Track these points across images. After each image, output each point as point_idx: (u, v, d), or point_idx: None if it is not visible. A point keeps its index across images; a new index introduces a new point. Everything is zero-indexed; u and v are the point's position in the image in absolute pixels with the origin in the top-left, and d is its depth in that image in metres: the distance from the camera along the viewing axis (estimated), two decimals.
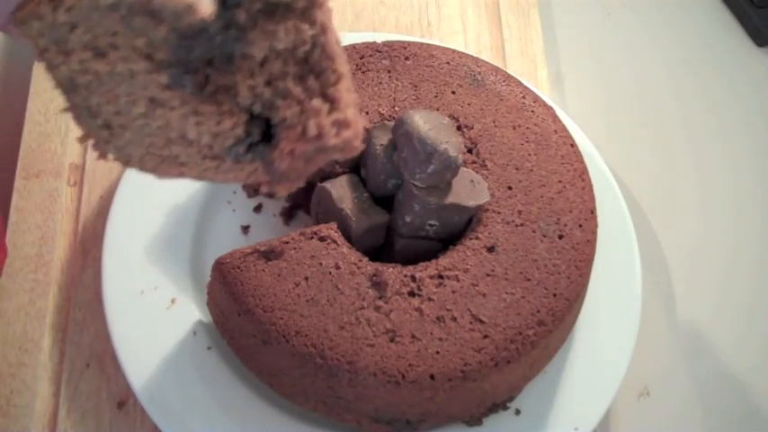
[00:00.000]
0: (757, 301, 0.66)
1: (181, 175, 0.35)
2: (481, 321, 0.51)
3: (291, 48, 0.31)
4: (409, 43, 0.62)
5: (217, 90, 0.32)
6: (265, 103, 0.31)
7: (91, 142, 0.36)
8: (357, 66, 0.60)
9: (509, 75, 0.62)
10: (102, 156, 0.36)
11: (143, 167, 0.35)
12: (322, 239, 0.53)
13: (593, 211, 0.57)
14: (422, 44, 0.62)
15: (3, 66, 0.73)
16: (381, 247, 0.56)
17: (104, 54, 0.32)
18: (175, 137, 0.33)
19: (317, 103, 0.31)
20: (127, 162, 0.36)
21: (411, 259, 0.54)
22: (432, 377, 0.50)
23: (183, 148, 0.34)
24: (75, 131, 0.65)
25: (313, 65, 0.32)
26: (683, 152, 0.72)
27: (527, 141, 0.58)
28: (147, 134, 0.34)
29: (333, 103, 0.31)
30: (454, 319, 0.51)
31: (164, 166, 0.35)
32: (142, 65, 0.32)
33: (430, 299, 0.52)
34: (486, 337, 0.51)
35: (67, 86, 0.34)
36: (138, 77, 0.32)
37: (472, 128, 0.58)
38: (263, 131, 0.32)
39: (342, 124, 0.31)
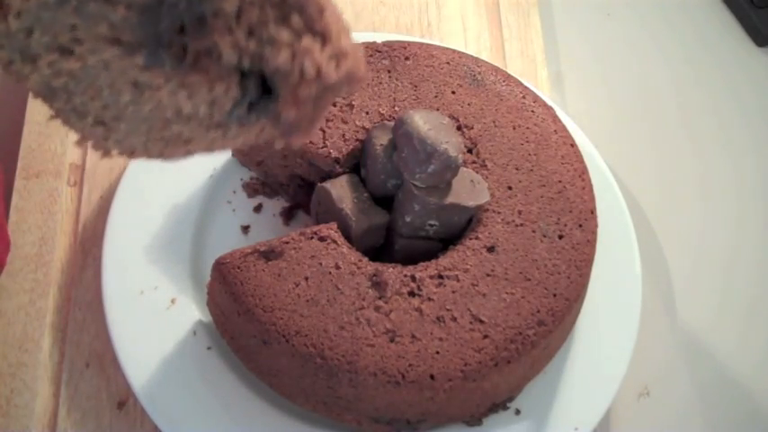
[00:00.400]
0: (757, 301, 0.66)
1: (190, 152, 0.33)
2: (481, 321, 0.51)
3: None
4: (409, 43, 0.62)
5: (198, 57, 0.29)
6: (253, 57, 0.29)
7: (90, 143, 0.34)
8: None
9: (509, 75, 0.62)
10: (106, 153, 0.34)
11: (149, 154, 0.34)
12: (322, 239, 0.53)
13: (593, 211, 0.57)
14: (422, 44, 0.62)
15: None
16: (381, 247, 0.56)
17: (71, 51, 0.31)
18: (172, 115, 0.31)
19: (307, 41, 0.29)
20: (131, 153, 0.34)
21: (411, 259, 0.54)
22: (432, 377, 0.50)
23: (184, 125, 0.32)
24: (75, 133, 0.66)
25: (292, 2, 0.29)
26: (683, 152, 0.72)
27: (527, 141, 0.58)
28: (142, 120, 0.32)
29: (323, 36, 0.29)
30: (454, 319, 0.51)
31: (170, 147, 0.33)
32: (112, 51, 0.30)
33: (430, 299, 0.52)
34: (486, 337, 0.51)
35: (45, 93, 0.33)
36: (113, 65, 0.31)
37: (472, 128, 0.58)
38: (260, 87, 0.30)
39: (339, 56, 0.29)
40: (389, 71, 0.60)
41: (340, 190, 0.55)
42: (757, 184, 0.71)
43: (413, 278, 0.52)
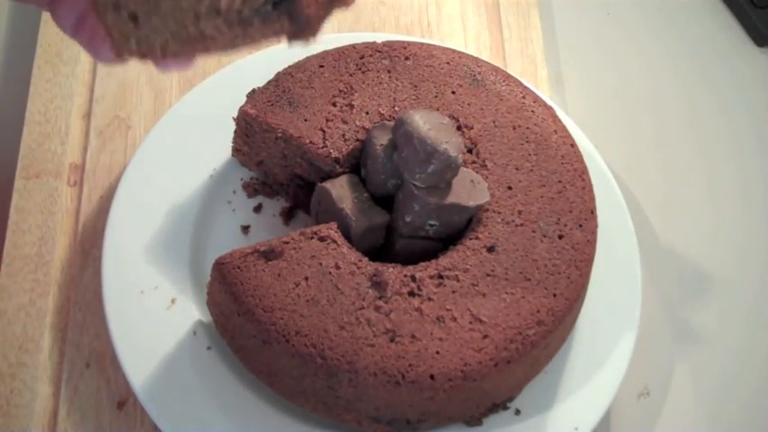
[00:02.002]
0: (758, 301, 0.66)
1: (204, 51, 0.36)
2: (481, 321, 0.51)
3: None
4: (409, 43, 0.62)
5: None
6: None
7: (109, 44, 0.36)
8: (357, 66, 0.60)
9: (509, 75, 0.62)
10: (120, 54, 0.36)
11: (164, 53, 0.36)
12: (322, 239, 0.53)
13: (593, 211, 0.57)
14: (422, 44, 0.62)
15: (3, 66, 0.73)
16: (381, 247, 0.56)
17: None
18: (205, 11, 0.35)
19: None
20: (145, 54, 0.36)
21: (411, 259, 0.54)
22: (432, 377, 0.50)
23: (212, 21, 0.35)
24: (76, 131, 0.66)
25: None
26: (683, 152, 0.72)
27: (527, 141, 0.58)
28: (174, 15, 0.35)
29: None
30: (454, 319, 0.51)
31: (188, 46, 0.36)
32: None
33: (430, 299, 0.52)
34: (486, 337, 0.51)
35: None
36: None
37: (472, 128, 0.58)
38: None
39: None
40: (389, 71, 0.60)
41: (340, 190, 0.55)
42: (757, 183, 0.71)
43: (413, 278, 0.52)
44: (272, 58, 0.63)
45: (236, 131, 0.60)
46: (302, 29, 0.35)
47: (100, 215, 0.62)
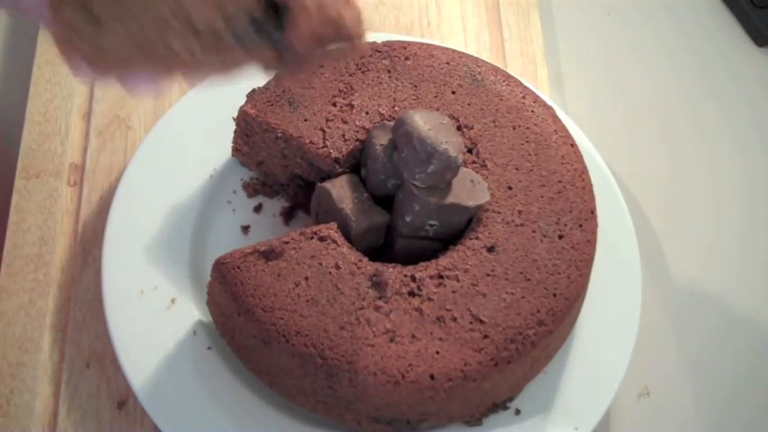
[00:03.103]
0: (758, 301, 0.66)
1: (170, 72, 0.32)
2: (481, 321, 0.51)
3: None
4: (409, 43, 0.62)
5: None
6: None
7: (62, 47, 0.32)
8: (357, 66, 0.60)
9: (509, 75, 0.62)
10: (67, 56, 0.32)
11: (125, 68, 0.31)
12: (322, 239, 0.53)
13: (593, 211, 0.57)
14: (422, 44, 0.62)
15: (3, 66, 0.73)
16: (381, 247, 0.56)
17: None
18: (180, 27, 0.30)
19: None
20: (101, 63, 0.32)
21: (411, 259, 0.54)
22: (432, 377, 0.50)
23: (184, 40, 0.30)
24: (76, 131, 0.66)
25: None
26: (682, 152, 0.72)
27: (527, 141, 0.58)
28: (144, 27, 0.30)
29: None
30: (454, 319, 0.51)
31: (153, 65, 0.31)
32: None
33: (430, 299, 0.52)
34: (486, 337, 0.51)
35: None
36: None
37: (472, 128, 0.58)
38: (276, 16, 0.31)
39: (358, 13, 0.31)
40: (389, 71, 0.60)
41: (340, 190, 0.55)
42: (758, 183, 0.71)
43: (413, 278, 0.52)
44: None
45: (236, 131, 0.60)
46: (290, 63, 0.31)
47: (100, 215, 0.62)
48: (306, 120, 0.58)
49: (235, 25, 0.30)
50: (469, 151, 0.58)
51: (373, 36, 0.65)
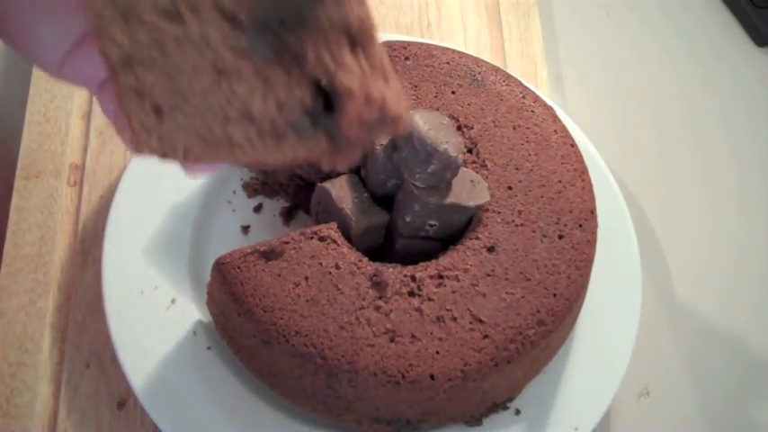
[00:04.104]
0: (758, 301, 0.66)
1: (230, 159, 0.32)
2: (481, 321, 0.51)
3: (345, 21, 0.30)
4: (409, 43, 0.62)
5: (288, 56, 0.29)
6: (329, 74, 0.30)
7: (128, 138, 0.32)
8: None
9: (509, 75, 0.62)
10: (139, 150, 0.32)
11: (187, 157, 0.32)
12: (322, 239, 0.53)
13: (593, 211, 0.57)
14: (422, 44, 0.62)
15: (3, 66, 0.73)
16: (381, 247, 0.56)
17: (179, 16, 0.29)
18: (236, 115, 0.30)
19: (376, 74, 0.31)
20: (166, 154, 0.32)
21: (411, 259, 0.54)
22: (432, 377, 0.50)
23: (242, 128, 0.31)
24: (76, 131, 0.66)
25: (363, 43, 0.31)
26: (683, 152, 0.72)
27: (527, 141, 0.58)
28: (202, 115, 0.31)
29: (384, 76, 0.31)
30: (454, 319, 0.51)
31: (213, 152, 0.32)
32: (222, 26, 0.29)
33: (430, 299, 0.51)
34: (486, 337, 0.51)
35: (121, 64, 0.30)
36: (212, 43, 0.29)
37: (472, 128, 0.58)
38: (324, 103, 0.31)
39: (399, 96, 0.31)
40: None
41: (340, 190, 0.55)
42: (758, 183, 0.71)
43: (413, 278, 0.52)
44: None
45: None
46: (341, 151, 0.31)
47: (100, 215, 0.62)
48: None
49: (288, 113, 0.30)
50: (469, 151, 0.58)
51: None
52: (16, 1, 0.32)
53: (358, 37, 0.30)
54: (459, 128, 0.58)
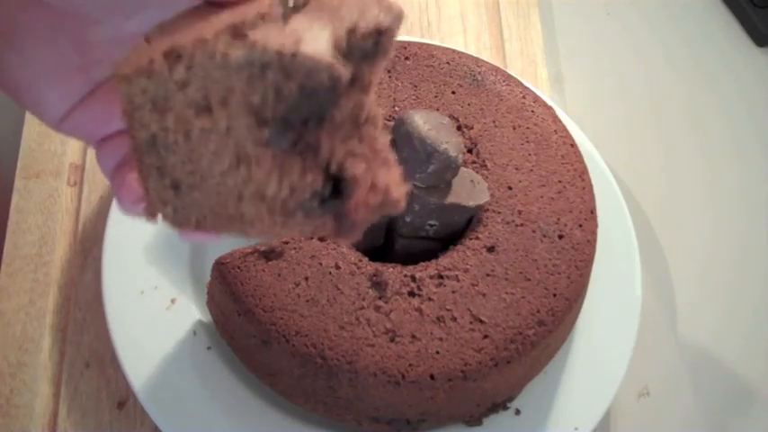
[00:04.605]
0: (758, 301, 0.66)
1: (240, 232, 0.34)
2: (481, 321, 0.51)
3: (358, 116, 0.32)
4: (409, 43, 0.62)
5: (303, 147, 0.31)
6: (340, 163, 0.32)
7: (144, 206, 0.34)
8: None
9: (509, 75, 0.62)
10: (152, 216, 0.34)
11: (198, 228, 0.34)
12: (322, 239, 0.53)
13: (593, 211, 0.57)
14: (422, 44, 0.62)
15: None
16: (381, 247, 0.56)
17: (209, 111, 0.30)
18: (250, 194, 0.32)
19: (379, 160, 0.33)
20: (180, 224, 0.34)
21: (411, 259, 0.54)
22: (432, 377, 0.50)
23: (254, 206, 0.32)
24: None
25: (369, 130, 0.33)
26: (682, 152, 0.72)
27: (527, 141, 0.58)
28: (217, 193, 0.32)
29: (387, 163, 0.33)
30: (454, 319, 0.51)
31: (224, 225, 0.34)
32: (247, 121, 0.30)
33: (430, 299, 0.51)
34: (486, 337, 0.51)
35: (145, 147, 0.32)
36: (235, 134, 0.31)
37: (472, 128, 0.58)
38: (332, 187, 0.32)
39: (399, 181, 0.33)
40: (389, 71, 0.60)
41: None
42: (758, 182, 0.71)
43: (413, 278, 0.52)
44: None
45: None
46: (345, 231, 0.32)
47: (100, 215, 0.62)
48: None
49: (299, 196, 0.32)
50: (469, 151, 0.58)
51: None
52: (20, 58, 0.32)
53: (364, 126, 0.32)
54: (459, 128, 0.58)
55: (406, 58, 0.61)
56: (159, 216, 0.34)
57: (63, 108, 0.34)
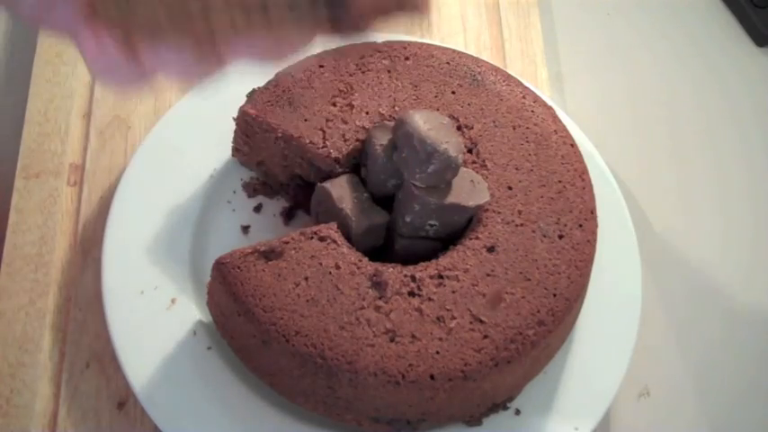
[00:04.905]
0: (759, 300, 0.66)
1: (201, 50, 0.28)
2: (481, 321, 0.51)
3: None
4: (409, 43, 0.62)
5: None
6: None
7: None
8: (357, 66, 0.60)
9: (509, 75, 0.62)
10: (92, 20, 0.29)
11: (153, 39, 0.28)
12: (322, 239, 0.53)
13: (593, 211, 0.57)
14: (422, 44, 0.62)
15: (3, 66, 0.73)
16: (381, 247, 0.56)
17: None
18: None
19: None
20: (127, 32, 0.28)
21: (411, 259, 0.54)
22: (432, 377, 0.50)
23: (226, 10, 0.27)
24: (76, 131, 0.66)
25: None
26: (682, 152, 0.72)
27: (527, 141, 0.58)
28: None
29: None
30: (454, 318, 0.51)
31: (185, 38, 0.28)
32: None
33: (430, 299, 0.51)
34: (486, 337, 0.51)
35: None
36: None
37: (472, 128, 0.58)
38: None
39: None
40: (389, 71, 0.60)
41: (340, 190, 0.55)
42: (758, 182, 0.71)
43: (413, 278, 0.52)
44: None
45: (236, 131, 0.60)
46: (347, 32, 0.27)
47: (100, 215, 0.62)
48: (306, 120, 0.58)
49: None
50: (469, 151, 0.58)
51: (373, 36, 0.65)
52: None
53: None
54: (459, 128, 0.58)
55: (406, 58, 0.61)
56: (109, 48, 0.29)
57: None
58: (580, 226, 0.56)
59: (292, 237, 0.53)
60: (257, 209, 0.62)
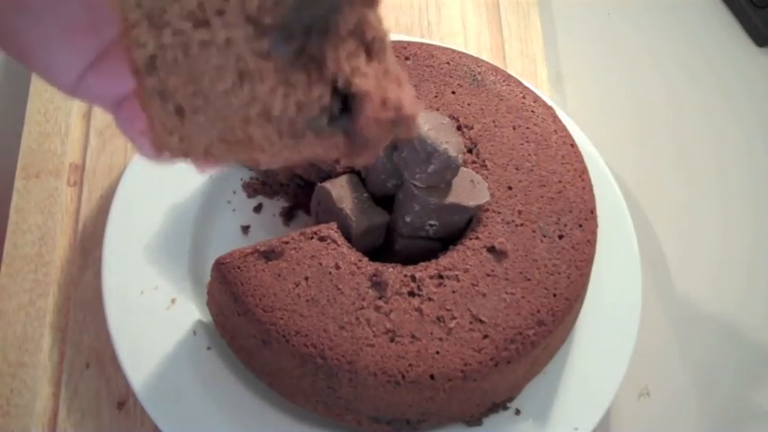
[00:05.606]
0: (758, 301, 0.66)
1: (251, 160, 0.33)
2: (481, 321, 0.51)
3: (362, 29, 0.32)
4: (409, 43, 0.62)
5: (307, 59, 0.30)
6: (347, 76, 0.31)
7: (150, 138, 0.33)
8: None
9: (509, 75, 0.62)
10: (159, 149, 0.33)
11: (207, 156, 0.33)
12: (322, 239, 0.53)
13: (593, 211, 0.57)
14: (422, 44, 0.62)
15: (3, 66, 0.73)
16: (381, 247, 0.56)
17: (206, 22, 0.30)
18: (256, 115, 0.31)
19: (390, 79, 0.32)
20: (187, 154, 0.33)
21: (411, 259, 0.54)
22: (432, 377, 0.50)
23: (261, 128, 0.31)
24: (76, 131, 0.66)
25: (377, 51, 0.32)
26: (682, 152, 0.72)
27: (527, 141, 0.58)
28: (223, 116, 0.31)
29: (398, 81, 0.32)
30: (454, 318, 0.51)
31: (233, 152, 0.33)
32: (246, 30, 0.30)
33: (430, 299, 0.51)
34: (486, 337, 0.51)
35: (145, 67, 0.31)
36: (235, 45, 0.30)
37: (472, 128, 0.58)
38: (341, 105, 0.32)
39: (412, 97, 0.32)
40: None
41: (340, 190, 0.55)
42: (759, 182, 0.71)
43: (413, 278, 0.52)
44: None
45: None
46: (359, 150, 0.32)
47: (100, 215, 0.62)
48: None
49: (306, 112, 0.31)
50: (469, 151, 0.58)
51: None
52: (28, 18, 0.31)
53: (372, 46, 0.32)
54: (459, 128, 0.58)
55: (406, 58, 0.61)
56: (168, 153, 0.33)
57: (75, 70, 0.33)
58: (580, 226, 0.56)
59: (292, 237, 0.53)
60: (257, 209, 0.62)
